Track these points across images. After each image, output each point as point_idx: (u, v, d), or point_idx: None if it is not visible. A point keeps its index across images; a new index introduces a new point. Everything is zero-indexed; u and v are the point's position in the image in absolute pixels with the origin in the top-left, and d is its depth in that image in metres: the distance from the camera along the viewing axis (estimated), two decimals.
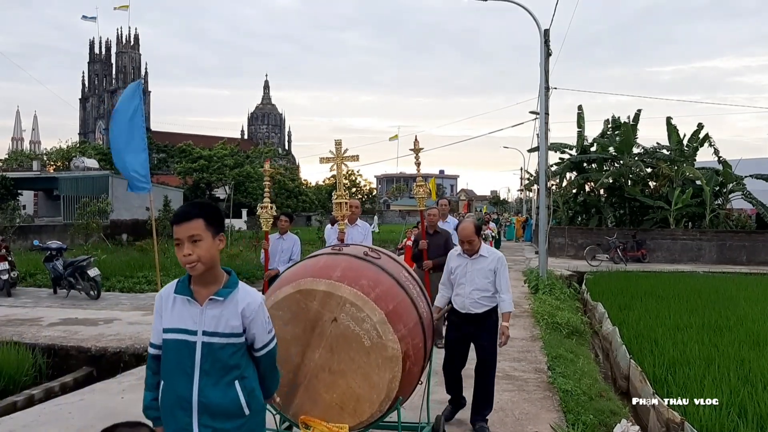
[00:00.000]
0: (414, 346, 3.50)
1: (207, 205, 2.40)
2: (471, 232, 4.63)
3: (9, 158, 57.78)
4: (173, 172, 49.17)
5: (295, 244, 7.71)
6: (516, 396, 5.60)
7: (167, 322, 2.37)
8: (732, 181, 22.28)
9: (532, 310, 10.13)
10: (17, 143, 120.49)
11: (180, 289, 2.40)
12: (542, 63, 14.44)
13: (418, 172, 6.64)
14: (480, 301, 4.66)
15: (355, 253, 3.81)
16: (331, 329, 3.33)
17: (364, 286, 3.39)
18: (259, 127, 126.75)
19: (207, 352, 2.30)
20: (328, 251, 3.95)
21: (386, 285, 3.57)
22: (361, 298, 3.31)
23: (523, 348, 7.55)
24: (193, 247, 2.27)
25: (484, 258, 4.71)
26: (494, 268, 4.66)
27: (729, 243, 20.87)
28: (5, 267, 11.55)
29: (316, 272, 3.49)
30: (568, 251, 22.21)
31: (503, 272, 4.68)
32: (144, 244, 18.89)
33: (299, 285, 3.40)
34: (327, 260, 3.71)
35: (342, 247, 3.94)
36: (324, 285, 3.35)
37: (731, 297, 11.11)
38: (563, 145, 24.93)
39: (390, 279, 3.66)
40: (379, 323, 3.27)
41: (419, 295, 3.89)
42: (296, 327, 3.38)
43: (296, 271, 3.67)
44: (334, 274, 3.44)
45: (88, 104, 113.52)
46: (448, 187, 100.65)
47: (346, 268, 3.54)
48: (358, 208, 7.48)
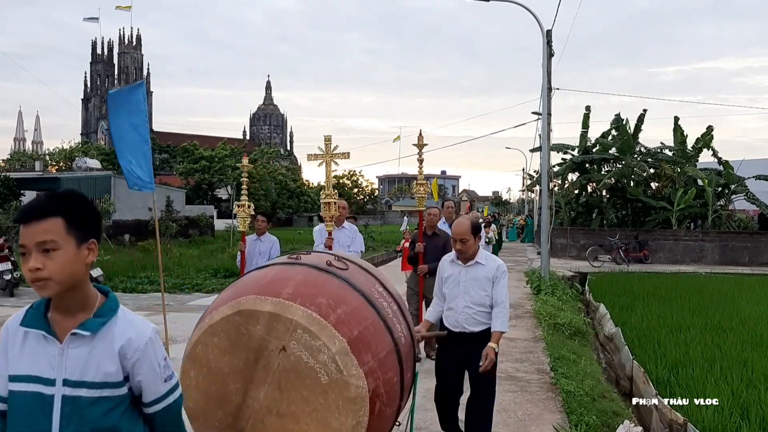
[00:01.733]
0: (386, 382, 2.82)
1: (70, 198, 1.67)
2: (466, 229, 3.95)
3: (11, 158, 57.92)
4: (175, 172, 49.24)
5: (274, 246, 7.19)
6: (519, 397, 5.60)
7: (14, 366, 1.65)
8: (734, 182, 22.27)
9: (535, 311, 10.13)
10: (19, 143, 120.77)
11: (30, 320, 1.67)
12: (544, 63, 14.43)
13: (420, 170, 6.45)
14: (476, 317, 3.96)
15: (315, 263, 3.10)
16: (279, 361, 2.67)
17: (322, 305, 2.73)
18: (261, 128, 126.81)
19: (70, 409, 1.61)
20: (283, 260, 3.27)
21: (352, 304, 2.89)
22: (316, 321, 2.64)
23: (525, 349, 7.55)
24: (45, 259, 1.57)
25: (482, 266, 4.00)
26: (492, 278, 3.97)
27: (731, 244, 20.85)
28: (8, 267, 11.59)
29: (262, 288, 2.81)
30: (570, 252, 22.20)
31: (502, 283, 3.99)
32: (146, 245, 18.95)
33: (239, 305, 2.73)
34: (278, 272, 3.00)
35: (300, 256, 3.22)
36: (270, 305, 2.68)
37: (734, 298, 11.10)
38: (565, 146, 24.94)
39: (358, 296, 2.96)
40: (339, 354, 2.60)
41: (396, 314, 3.19)
42: (236, 358, 2.72)
43: (238, 287, 2.99)
44: (284, 291, 2.75)
45: (90, 104, 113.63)
46: (449, 188, 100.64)
47: (301, 282, 2.86)
48: (345, 209, 7.03)
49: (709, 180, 21.64)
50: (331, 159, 5.62)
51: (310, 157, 6.00)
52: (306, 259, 3.17)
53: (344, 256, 3.41)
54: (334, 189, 5.67)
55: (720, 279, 14.93)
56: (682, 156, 22.82)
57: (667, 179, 22.91)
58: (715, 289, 12.35)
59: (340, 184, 62.28)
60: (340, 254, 3.40)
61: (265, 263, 6.94)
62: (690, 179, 22.60)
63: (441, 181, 69.61)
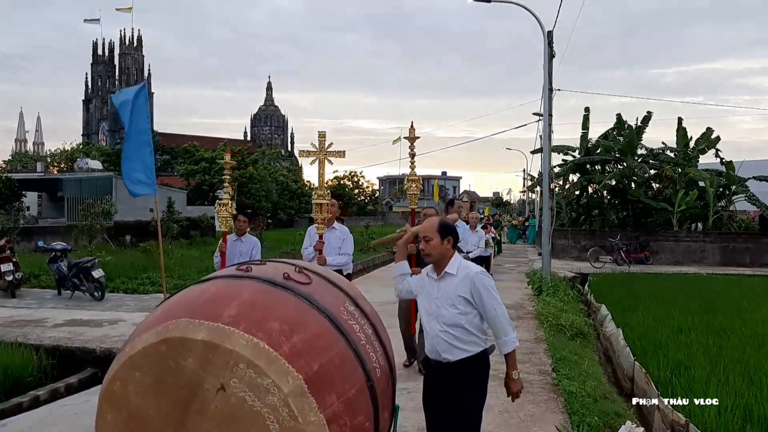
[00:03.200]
0: (355, 428, 2.28)
1: None
2: (431, 226, 3.29)
3: (13, 159, 57.98)
4: (176, 173, 49.30)
5: (255, 247, 6.82)
6: (520, 398, 5.59)
7: None
8: (735, 182, 22.26)
9: (536, 312, 10.13)
10: (21, 144, 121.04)
11: None
12: (545, 65, 14.44)
13: (412, 164, 5.97)
14: (452, 343, 3.18)
15: (269, 276, 2.48)
16: (217, 404, 2.10)
17: (272, 332, 2.16)
18: (262, 129, 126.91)
19: None
20: (228, 272, 2.61)
21: (313, 329, 2.30)
22: (264, 353, 2.08)
23: (527, 350, 7.55)
24: None
25: (452, 277, 3.24)
26: (466, 291, 3.19)
27: (732, 245, 20.84)
28: (10, 268, 11.58)
29: (198, 309, 2.23)
30: (571, 253, 22.19)
31: (487, 296, 3.19)
32: (148, 245, 18.94)
33: (166, 331, 2.14)
34: (220, 288, 2.40)
35: (251, 266, 2.56)
36: (205, 331, 2.10)
37: (735, 299, 11.09)
38: (566, 147, 24.95)
39: (321, 318, 2.38)
40: (293, 395, 2.06)
41: (371, 339, 2.59)
42: (162, 399, 2.16)
43: (168, 308, 2.38)
44: (224, 313, 2.18)
45: (91, 106, 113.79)
46: (450, 189, 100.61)
47: (248, 302, 2.28)
48: (334, 206, 6.62)
49: (710, 181, 21.63)
50: (324, 157, 5.42)
51: (303, 153, 5.77)
52: (258, 270, 2.50)
53: (307, 266, 2.74)
54: (333, 190, 5.51)
55: (721, 280, 14.92)
56: (683, 157, 22.82)
57: (668, 180, 22.90)
58: (716, 290, 12.34)
59: (341, 184, 62.29)
60: (302, 265, 2.75)
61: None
62: (691, 180, 22.59)
63: (442, 182, 69.60)
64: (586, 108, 24.32)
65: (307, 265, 2.79)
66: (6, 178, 28.68)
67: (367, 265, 19.17)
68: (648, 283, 13.47)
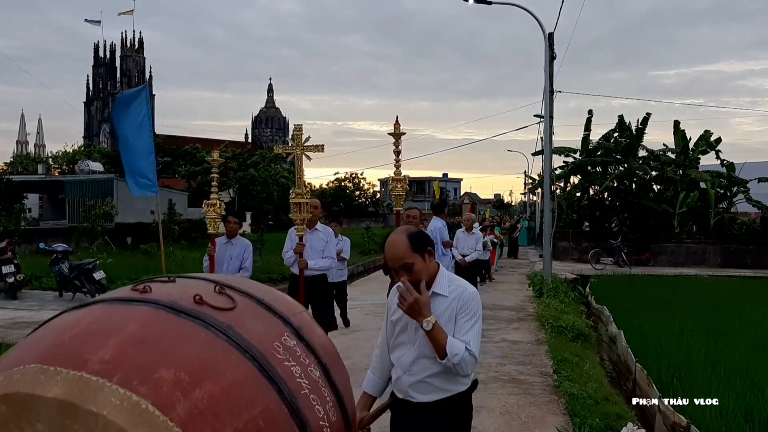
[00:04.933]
0: None
1: None
2: (404, 249, 2.43)
3: (14, 161, 58.02)
4: (178, 175, 49.32)
5: (246, 250, 6.43)
6: (522, 399, 5.60)
7: None
8: (736, 184, 22.25)
9: (537, 314, 10.12)
10: (22, 146, 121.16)
11: None
12: (546, 66, 14.44)
13: (397, 162, 5.52)
14: (429, 381, 2.46)
15: (172, 300, 1.68)
16: None
17: (163, 385, 1.40)
18: (263, 131, 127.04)
19: None
20: (120, 294, 1.75)
21: (228, 377, 1.53)
22: (147, 418, 1.33)
23: (528, 351, 7.54)
24: None
25: (442, 298, 2.48)
26: (455, 314, 2.46)
27: (734, 247, 20.82)
28: (11, 270, 11.59)
29: (57, 350, 1.46)
30: (572, 255, 22.19)
31: (468, 321, 2.44)
32: (149, 247, 18.97)
33: (8, 383, 1.38)
34: (98, 317, 1.60)
35: (149, 286, 1.74)
36: (61, 385, 1.34)
37: (736, 301, 11.09)
38: (567, 149, 24.95)
39: (242, 360, 1.61)
40: None
41: (318, 386, 1.78)
42: None
43: (24, 346, 1.60)
44: (94, 356, 1.41)
45: (92, 107, 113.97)
46: (451, 191, 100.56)
47: (133, 339, 1.50)
48: (317, 208, 6.12)
49: (711, 183, 21.62)
50: (302, 152, 5.10)
51: (279, 149, 5.56)
52: (159, 291, 1.72)
53: (235, 283, 1.92)
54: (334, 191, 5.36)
55: (723, 282, 14.91)
56: (684, 159, 22.81)
57: (669, 182, 22.90)
58: (717, 292, 12.34)
59: (342, 186, 62.30)
60: (227, 282, 1.91)
61: (247, 267, 6.16)
62: (692, 182, 22.58)
63: (442, 184, 69.56)
64: (589, 110, 24.35)
65: (234, 282, 1.94)
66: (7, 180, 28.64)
67: (367, 267, 19.18)
68: (649, 285, 13.46)
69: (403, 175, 5.61)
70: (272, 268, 15.17)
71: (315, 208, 5.95)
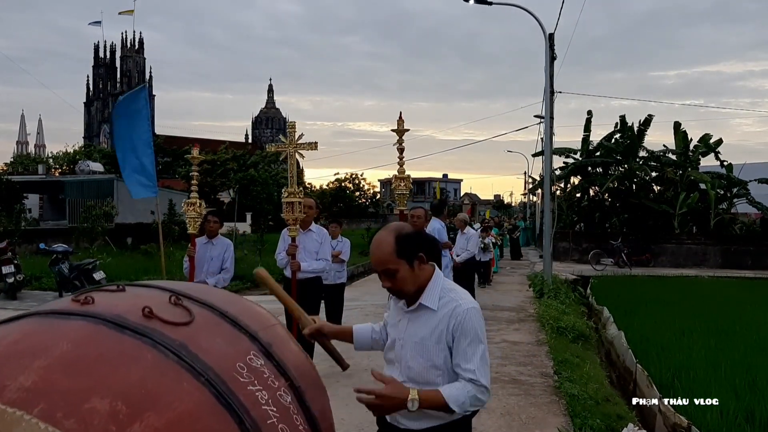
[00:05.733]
0: None
1: None
2: (388, 252, 2.15)
3: (14, 162, 58.03)
4: (177, 176, 49.35)
5: (227, 250, 6.24)
6: (522, 400, 5.59)
7: None
8: (737, 185, 22.26)
9: (538, 315, 10.12)
10: (22, 147, 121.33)
11: None
12: (547, 67, 14.44)
13: (401, 160, 5.37)
14: None
15: (117, 313, 1.38)
16: None
17: (96, 417, 1.10)
18: (263, 131, 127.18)
19: None
20: (58, 305, 1.49)
21: (178, 406, 1.22)
22: None
23: (528, 352, 7.54)
24: None
25: (429, 313, 2.17)
26: (447, 338, 2.14)
27: (734, 248, 20.83)
28: (11, 270, 11.58)
29: None
30: (572, 255, 22.19)
31: (469, 344, 2.11)
32: (149, 248, 18.96)
33: None
34: (25, 334, 1.31)
35: (91, 296, 1.47)
36: None
37: (737, 302, 11.09)
38: (568, 149, 24.96)
39: (196, 385, 1.30)
40: None
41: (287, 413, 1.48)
42: None
43: None
44: (14, 383, 1.12)
45: (92, 108, 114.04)
46: (451, 191, 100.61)
47: (62, 361, 1.20)
48: (312, 208, 5.82)
49: (711, 183, 21.62)
50: (295, 150, 4.97)
51: (270, 147, 5.36)
52: (103, 303, 1.44)
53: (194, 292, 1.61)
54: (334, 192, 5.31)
55: (723, 283, 14.91)
56: (685, 159, 22.82)
57: (669, 183, 22.90)
58: (718, 292, 12.33)
59: (342, 187, 62.26)
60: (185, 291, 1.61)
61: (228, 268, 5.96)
62: (692, 183, 22.59)
63: (443, 184, 69.60)
64: (588, 111, 24.37)
65: (195, 292, 1.61)
66: (7, 180, 28.65)
67: (368, 268, 19.15)
68: (649, 286, 13.46)
69: (406, 174, 5.45)
70: (272, 268, 15.15)
71: (309, 208, 5.69)
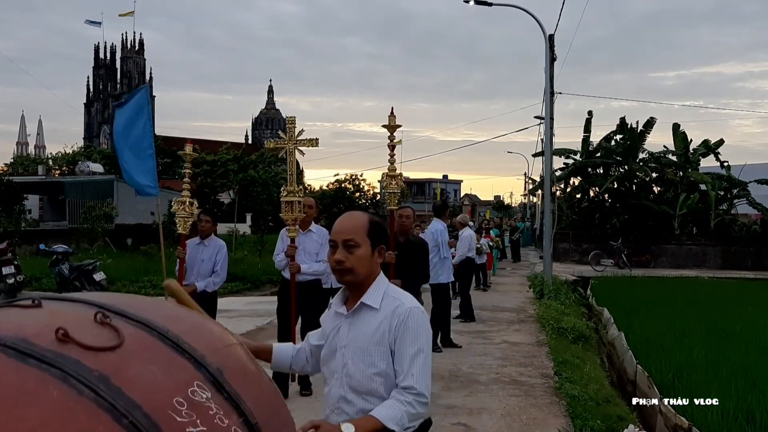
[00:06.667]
0: None
1: None
2: (358, 226, 2.04)
3: (14, 163, 58.01)
4: (178, 176, 49.41)
5: (220, 252, 5.89)
6: (523, 401, 5.59)
7: None
8: (737, 186, 22.26)
9: (538, 315, 10.11)
10: (22, 148, 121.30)
11: None
12: (547, 68, 14.45)
13: (392, 157, 5.21)
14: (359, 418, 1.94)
15: (23, 337, 0.88)
16: None
17: None
18: (263, 132, 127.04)
19: None
20: None
21: None
22: None
23: (529, 353, 7.53)
24: None
25: (371, 312, 2.03)
26: (389, 339, 1.99)
27: (734, 248, 20.83)
28: (11, 271, 11.57)
29: None
30: (572, 256, 22.18)
31: (408, 347, 1.97)
32: (149, 248, 18.95)
33: None
34: None
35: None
36: None
37: (737, 302, 11.08)
38: (568, 150, 24.96)
39: (115, 429, 0.82)
40: None
41: None
42: None
43: None
44: None
45: (92, 109, 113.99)
46: (451, 192, 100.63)
47: None
48: (311, 208, 5.55)
49: (711, 184, 21.63)
50: (295, 147, 4.78)
51: (269, 143, 5.14)
52: (8, 322, 0.97)
53: (127, 308, 1.12)
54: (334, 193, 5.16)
55: (723, 283, 14.91)
56: (685, 160, 22.83)
57: (669, 183, 22.90)
58: (718, 293, 12.33)
59: (342, 187, 62.25)
60: (116, 307, 1.10)
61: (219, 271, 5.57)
62: (692, 184, 22.59)
63: (443, 185, 69.63)
64: (589, 111, 24.38)
65: (131, 307, 1.14)
66: (7, 181, 28.65)
67: None
68: (650, 287, 13.46)
69: (398, 172, 5.24)
70: (273, 269, 15.13)
71: (309, 207, 5.45)
